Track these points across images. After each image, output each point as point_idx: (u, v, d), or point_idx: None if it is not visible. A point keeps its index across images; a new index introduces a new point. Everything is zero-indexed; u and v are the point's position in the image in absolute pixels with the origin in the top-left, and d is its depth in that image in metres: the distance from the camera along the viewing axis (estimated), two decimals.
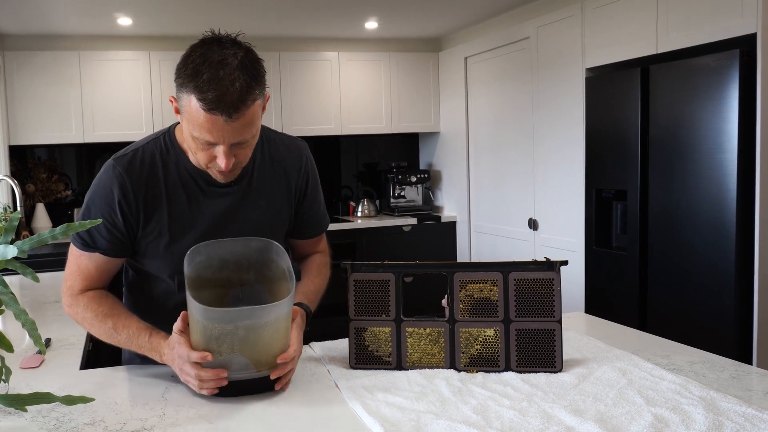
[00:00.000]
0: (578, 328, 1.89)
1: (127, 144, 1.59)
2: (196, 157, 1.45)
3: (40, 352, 1.71)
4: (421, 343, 1.55)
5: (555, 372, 1.50)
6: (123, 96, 4.88)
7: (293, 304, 1.46)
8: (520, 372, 1.51)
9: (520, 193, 4.52)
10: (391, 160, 5.81)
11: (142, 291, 1.65)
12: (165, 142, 1.56)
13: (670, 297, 3.20)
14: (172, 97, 1.44)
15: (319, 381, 1.49)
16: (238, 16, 4.43)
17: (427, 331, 1.55)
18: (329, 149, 5.81)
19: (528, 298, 1.52)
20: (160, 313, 1.58)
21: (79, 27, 4.66)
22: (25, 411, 1.27)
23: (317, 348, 1.71)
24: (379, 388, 1.42)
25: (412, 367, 1.55)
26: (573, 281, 3.82)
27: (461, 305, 1.54)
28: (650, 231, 3.30)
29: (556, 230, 4.14)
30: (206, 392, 1.37)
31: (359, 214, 5.57)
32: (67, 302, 1.56)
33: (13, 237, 1.16)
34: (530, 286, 1.52)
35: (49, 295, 2.59)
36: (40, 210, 4.93)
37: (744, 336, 2.91)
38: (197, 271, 1.45)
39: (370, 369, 1.55)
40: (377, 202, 5.73)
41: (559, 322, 1.51)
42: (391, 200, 5.63)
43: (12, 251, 1.13)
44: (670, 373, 1.45)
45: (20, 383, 1.49)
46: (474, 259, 5.19)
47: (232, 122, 1.34)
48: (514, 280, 1.52)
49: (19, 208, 3.32)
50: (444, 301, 1.57)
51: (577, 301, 3.82)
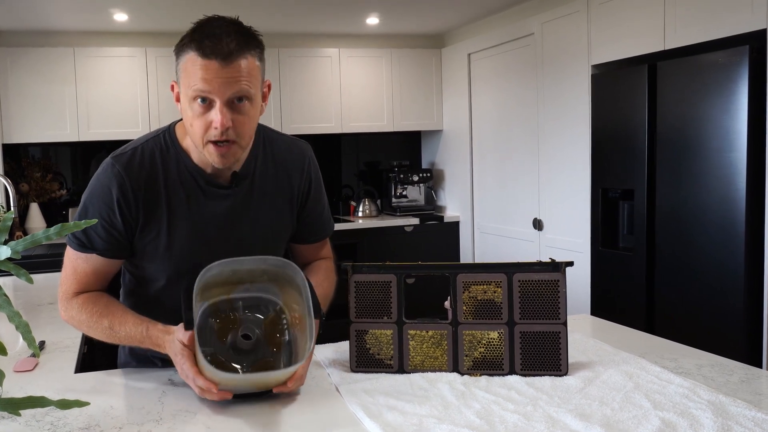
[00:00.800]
0: (584, 331, 1.89)
1: (123, 143, 1.59)
2: (193, 130, 1.43)
3: (34, 355, 1.71)
4: (424, 346, 1.55)
5: (560, 375, 1.50)
6: (119, 93, 4.88)
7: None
8: (525, 375, 1.51)
9: (524, 192, 4.52)
10: (393, 159, 5.81)
11: (139, 293, 1.65)
12: (165, 140, 1.55)
13: (677, 299, 3.20)
14: (174, 82, 1.46)
15: (319, 385, 1.49)
16: (236, 11, 4.39)
17: (430, 333, 1.55)
18: (329, 148, 5.81)
19: (533, 299, 1.52)
20: (158, 315, 1.57)
21: (74, 23, 4.67)
22: (19, 415, 1.27)
23: (317, 351, 1.71)
24: (380, 392, 1.42)
25: (414, 371, 1.55)
26: (579, 283, 3.82)
27: (464, 307, 1.54)
28: (658, 231, 3.30)
29: (561, 230, 4.14)
30: (207, 398, 1.37)
31: (360, 214, 5.57)
32: (63, 307, 1.56)
33: (7, 237, 1.16)
34: (535, 288, 1.52)
35: (44, 297, 2.59)
36: (34, 210, 4.94)
37: (754, 338, 2.91)
38: (207, 284, 1.44)
39: (372, 372, 1.55)
40: (378, 202, 5.73)
41: (565, 324, 1.51)
42: (393, 200, 5.63)
43: (5, 252, 1.13)
44: (677, 377, 1.45)
45: (14, 387, 1.49)
46: (477, 260, 5.19)
47: (226, 68, 1.36)
48: (519, 281, 1.52)
49: (12, 208, 3.32)
50: (447, 303, 1.57)
51: (582, 303, 3.82)
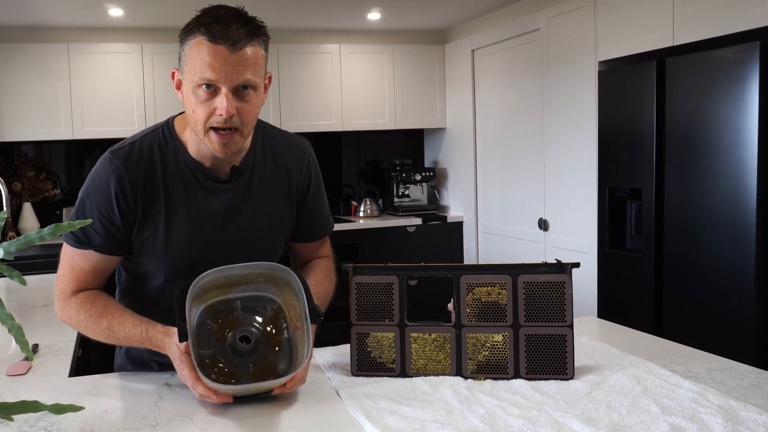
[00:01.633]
0: (591, 334, 1.89)
1: (119, 141, 1.60)
2: (195, 117, 1.44)
3: (27, 359, 1.71)
4: (426, 349, 1.55)
5: (566, 379, 1.50)
6: (114, 90, 4.88)
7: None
8: (530, 379, 1.51)
9: (529, 192, 4.51)
10: (395, 158, 5.81)
11: (136, 292, 1.65)
12: (164, 134, 1.57)
13: (686, 301, 3.20)
14: (175, 69, 1.48)
15: (319, 389, 1.49)
16: (233, 4, 4.43)
17: (433, 336, 1.55)
18: (330, 146, 5.82)
19: (538, 301, 1.52)
20: (155, 313, 1.58)
21: (68, 18, 4.67)
22: (12, 420, 1.27)
23: (317, 354, 1.71)
24: (382, 396, 1.42)
25: (417, 374, 1.55)
26: (585, 284, 3.81)
27: (468, 309, 1.54)
28: (666, 232, 3.30)
29: (567, 231, 4.13)
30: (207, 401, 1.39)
31: (361, 214, 5.57)
32: (59, 306, 1.56)
33: None
34: (540, 290, 1.52)
35: (37, 299, 2.60)
36: (28, 210, 4.94)
37: (765, 341, 2.90)
38: (202, 290, 1.45)
39: (373, 376, 1.55)
40: (380, 202, 5.73)
41: (571, 327, 1.51)
42: (395, 199, 5.63)
43: None
44: (687, 381, 1.45)
45: (6, 391, 1.50)
46: (481, 261, 5.19)
47: (234, 54, 1.38)
48: (524, 283, 1.52)
49: (5, 208, 3.32)
50: (450, 305, 1.57)
51: (589, 305, 3.82)
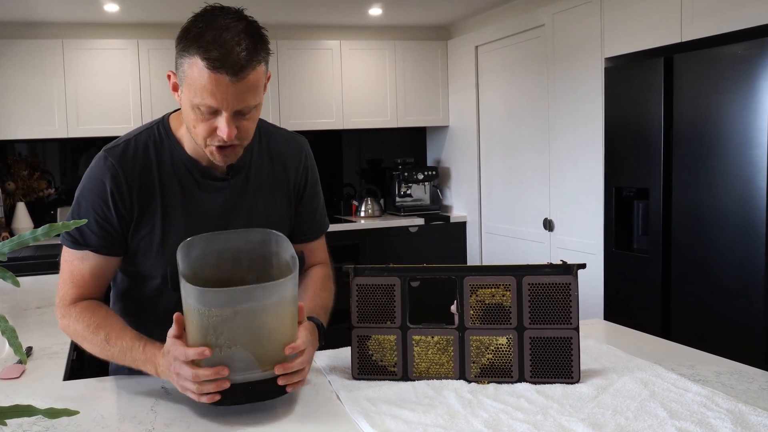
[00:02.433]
0: (597, 336, 1.89)
1: (114, 139, 1.60)
2: (195, 132, 1.44)
3: (21, 362, 1.71)
4: (429, 352, 1.55)
5: (572, 383, 1.50)
6: (110, 87, 4.89)
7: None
8: (535, 383, 1.51)
9: (534, 191, 4.51)
10: (397, 156, 5.81)
11: (133, 294, 1.65)
12: (159, 132, 1.57)
13: (695, 303, 3.20)
14: (171, 72, 1.46)
15: (319, 393, 1.49)
16: (232, 2, 4.43)
17: (435, 339, 1.55)
18: (330, 144, 5.82)
19: (543, 304, 1.52)
20: (152, 317, 1.59)
21: (62, 13, 4.68)
22: (5, 425, 1.27)
23: (317, 357, 1.72)
24: (383, 400, 1.42)
25: (419, 378, 1.55)
26: (591, 286, 3.81)
27: (472, 311, 1.54)
28: (674, 232, 3.30)
29: (573, 231, 4.13)
30: (206, 400, 1.32)
31: (362, 214, 5.57)
32: (59, 314, 1.56)
33: None
34: (545, 291, 1.52)
35: (31, 301, 2.60)
36: (21, 209, 4.94)
37: None
38: (192, 268, 1.44)
39: (374, 380, 1.55)
40: (382, 201, 5.74)
41: (577, 329, 1.51)
42: (397, 199, 5.63)
43: None
44: (695, 384, 1.45)
45: None
46: (485, 262, 5.19)
47: (237, 83, 1.36)
48: (528, 284, 1.52)
49: None
50: (453, 307, 1.57)
51: (595, 307, 3.82)
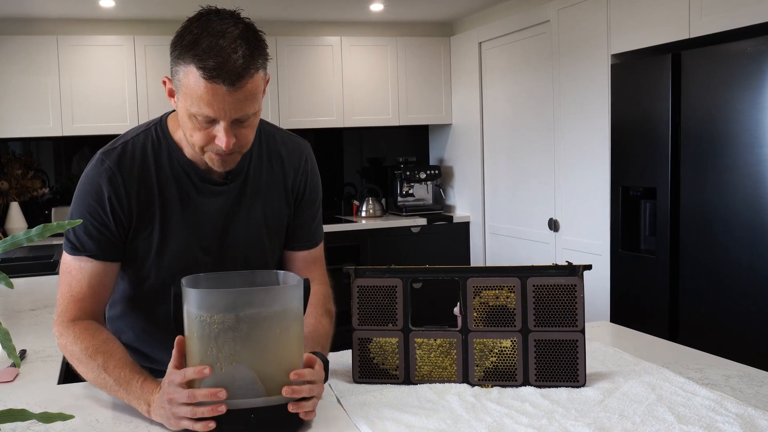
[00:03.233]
0: (603, 339, 1.89)
1: (110, 138, 1.60)
2: (192, 140, 1.43)
3: (14, 365, 1.71)
4: (431, 355, 1.55)
5: (577, 387, 1.50)
6: (105, 84, 4.89)
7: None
8: (540, 387, 1.51)
9: (539, 191, 4.51)
10: (399, 155, 5.81)
11: (131, 298, 1.65)
12: (156, 134, 1.56)
13: (703, 305, 3.20)
14: (166, 78, 1.44)
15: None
16: (231, 0, 4.44)
17: (438, 342, 1.55)
18: (331, 143, 5.82)
19: (548, 305, 1.52)
20: (150, 321, 1.60)
21: (57, 9, 4.68)
22: None
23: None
24: (385, 404, 1.42)
25: (422, 382, 1.55)
26: (597, 287, 3.81)
27: (475, 313, 1.54)
28: (682, 232, 3.30)
29: (578, 232, 4.13)
30: (201, 427, 1.26)
31: (363, 214, 5.57)
32: (57, 331, 1.52)
33: None
34: (550, 293, 1.52)
35: (25, 303, 2.60)
36: (15, 209, 4.95)
37: None
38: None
39: (376, 383, 1.55)
40: (383, 201, 5.74)
41: (582, 332, 1.51)
42: (399, 199, 5.63)
43: None
44: (703, 388, 1.45)
45: None
46: (489, 263, 5.19)
47: (234, 92, 1.34)
48: (533, 286, 1.52)
49: None
50: (456, 309, 1.57)
51: (601, 309, 3.81)
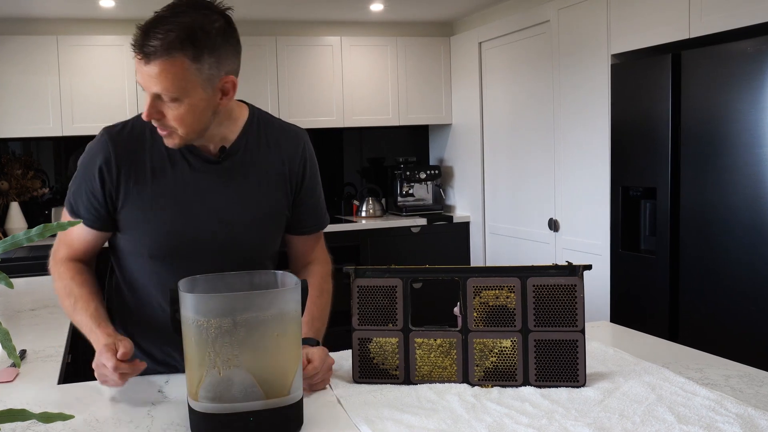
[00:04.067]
0: (603, 339, 1.89)
1: None
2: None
3: (14, 365, 1.71)
4: (431, 355, 1.55)
5: (577, 387, 1.50)
6: (105, 84, 4.88)
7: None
8: (540, 386, 1.51)
9: (539, 191, 4.51)
10: (399, 155, 5.81)
11: (127, 269, 1.72)
12: None
13: (703, 305, 3.20)
14: None
15: (320, 397, 1.49)
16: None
17: (438, 341, 1.55)
18: (331, 143, 5.82)
19: (548, 305, 1.52)
20: (145, 293, 1.68)
21: (57, 9, 4.68)
22: None
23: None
24: (385, 404, 1.42)
25: (422, 382, 1.55)
26: (597, 287, 3.81)
27: (475, 313, 1.54)
28: (682, 232, 3.30)
29: (578, 232, 4.13)
30: (119, 378, 1.45)
31: (363, 214, 5.57)
32: (50, 264, 1.71)
33: None
34: (551, 293, 1.52)
35: (25, 303, 2.60)
36: (15, 209, 4.94)
37: None
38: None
39: (376, 383, 1.55)
40: (383, 201, 5.74)
41: (582, 332, 1.51)
42: (399, 199, 5.63)
43: None
44: (703, 388, 1.45)
45: None
46: (489, 263, 5.19)
47: (148, 67, 1.46)
48: (533, 286, 1.52)
49: None
50: (456, 309, 1.57)
51: (601, 309, 3.81)
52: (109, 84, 4.89)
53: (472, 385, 1.53)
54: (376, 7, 4.99)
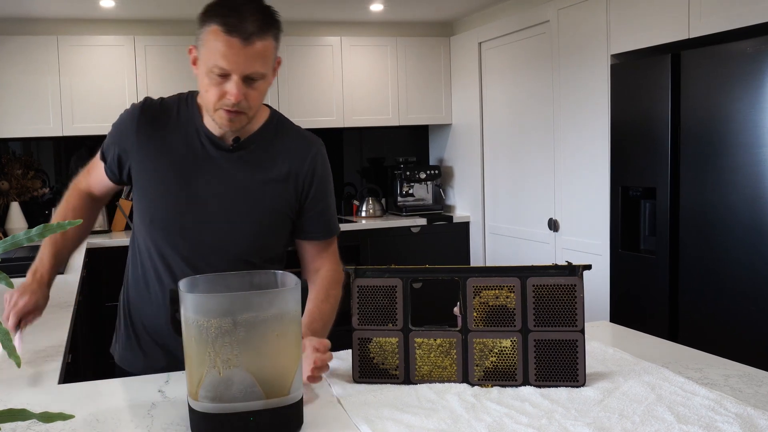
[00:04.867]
0: (603, 339, 1.89)
1: None
2: (207, 97, 1.61)
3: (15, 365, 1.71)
4: (431, 355, 1.55)
5: (577, 386, 1.50)
6: (105, 85, 4.89)
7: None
8: (540, 386, 1.51)
9: (539, 191, 4.51)
10: (399, 155, 5.81)
11: (137, 234, 1.82)
12: (187, 99, 1.77)
13: (703, 305, 3.20)
14: (192, 46, 1.64)
15: (319, 397, 1.49)
16: None
17: (438, 341, 1.55)
18: (331, 143, 5.81)
19: (548, 305, 1.52)
20: (144, 258, 1.79)
21: (57, 9, 4.68)
22: None
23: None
24: (385, 404, 1.42)
25: (422, 381, 1.55)
26: (597, 287, 3.81)
27: (475, 313, 1.54)
28: (681, 232, 3.30)
29: (578, 232, 4.13)
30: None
31: (363, 214, 5.57)
32: (70, 185, 1.91)
33: None
34: (550, 293, 1.52)
35: None
36: (15, 209, 4.95)
37: None
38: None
39: (376, 383, 1.55)
40: (383, 201, 5.74)
41: (582, 332, 1.51)
42: (399, 199, 5.63)
43: None
44: (703, 388, 1.45)
45: None
46: (489, 263, 5.19)
47: (247, 47, 1.53)
48: (533, 286, 1.52)
49: None
50: (456, 309, 1.57)
51: (601, 309, 3.82)
52: (109, 84, 4.89)
53: (472, 385, 1.53)
54: (376, 7, 4.99)
